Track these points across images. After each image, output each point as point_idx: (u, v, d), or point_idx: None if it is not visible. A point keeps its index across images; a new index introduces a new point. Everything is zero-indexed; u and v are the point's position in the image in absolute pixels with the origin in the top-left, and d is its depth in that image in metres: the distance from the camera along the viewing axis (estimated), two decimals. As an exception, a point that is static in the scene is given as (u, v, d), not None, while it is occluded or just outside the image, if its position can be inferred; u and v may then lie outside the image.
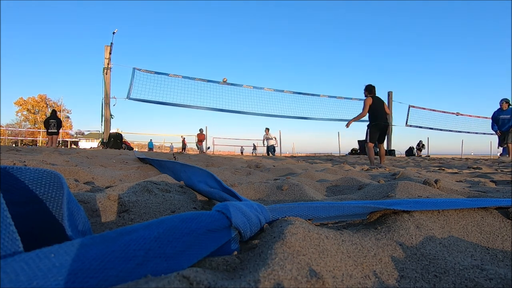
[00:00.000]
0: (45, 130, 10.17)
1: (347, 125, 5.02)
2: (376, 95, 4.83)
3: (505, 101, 6.93)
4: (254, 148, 22.28)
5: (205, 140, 14.40)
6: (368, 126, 4.79)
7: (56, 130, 10.01)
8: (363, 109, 4.65)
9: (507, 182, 1.90)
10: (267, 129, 13.68)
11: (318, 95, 11.05)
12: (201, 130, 14.30)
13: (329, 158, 7.72)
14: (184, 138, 18.68)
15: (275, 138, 13.80)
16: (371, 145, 4.76)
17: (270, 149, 13.70)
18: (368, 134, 4.73)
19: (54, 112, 10.51)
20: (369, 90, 4.80)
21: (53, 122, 9.94)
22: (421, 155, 14.22)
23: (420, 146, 16.79)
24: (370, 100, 4.69)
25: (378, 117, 4.67)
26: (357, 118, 4.84)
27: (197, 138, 14.50)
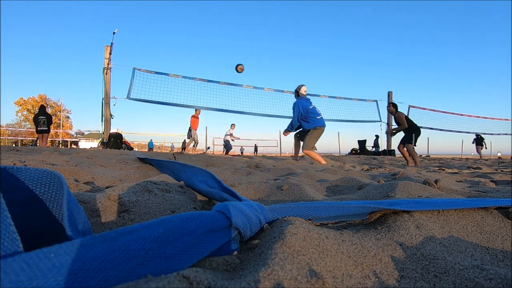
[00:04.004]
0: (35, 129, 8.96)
1: (392, 135, 5.94)
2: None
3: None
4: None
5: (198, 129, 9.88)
6: (409, 131, 5.60)
7: (46, 128, 8.95)
8: (402, 122, 5.59)
9: (507, 182, 1.90)
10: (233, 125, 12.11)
11: (318, 95, 11.04)
12: (197, 110, 9.55)
13: (329, 158, 7.71)
14: (185, 140, 18.56)
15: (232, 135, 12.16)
16: (412, 147, 5.58)
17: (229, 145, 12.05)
18: (413, 139, 5.56)
19: (42, 108, 9.25)
20: (396, 107, 5.82)
21: (43, 119, 8.93)
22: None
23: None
24: (403, 114, 5.65)
25: (416, 126, 5.67)
26: (400, 130, 5.69)
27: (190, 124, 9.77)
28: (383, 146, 12.93)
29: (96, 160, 2.80)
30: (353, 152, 13.90)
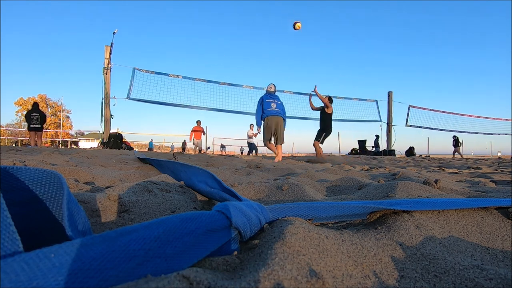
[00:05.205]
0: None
1: (314, 91, 6.07)
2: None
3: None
4: (223, 146, 21.92)
5: (204, 136, 12.00)
6: (324, 130, 6.00)
7: (39, 125, 8.67)
8: (328, 106, 5.91)
9: (507, 182, 1.90)
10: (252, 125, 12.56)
11: (318, 95, 11.04)
12: (198, 122, 11.62)
13: (329, 158, 7.71)
14: (184, 140, 18.50)
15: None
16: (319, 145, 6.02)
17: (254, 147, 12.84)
18: (323, 137, 6.01)
19: (36, 105, 9.02)
20: (331, 101, 6.10)
21: (36, 116, 8.67)
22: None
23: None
24: (332, 108, 6.00)
25: (330, 127, 6.06)
26: (320, 108, 6.08)
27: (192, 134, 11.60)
28: (383, 146, 12.93)
29: (96, 160, 2.80)
30: (353, 152, 13.89)
